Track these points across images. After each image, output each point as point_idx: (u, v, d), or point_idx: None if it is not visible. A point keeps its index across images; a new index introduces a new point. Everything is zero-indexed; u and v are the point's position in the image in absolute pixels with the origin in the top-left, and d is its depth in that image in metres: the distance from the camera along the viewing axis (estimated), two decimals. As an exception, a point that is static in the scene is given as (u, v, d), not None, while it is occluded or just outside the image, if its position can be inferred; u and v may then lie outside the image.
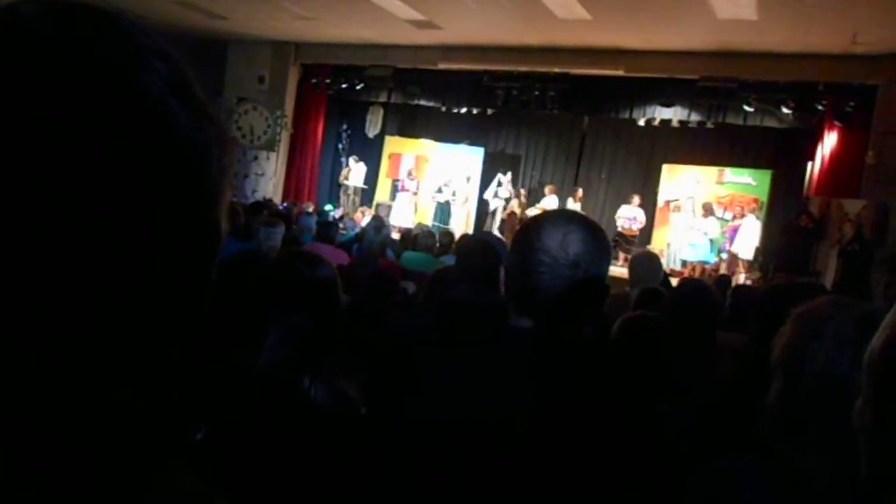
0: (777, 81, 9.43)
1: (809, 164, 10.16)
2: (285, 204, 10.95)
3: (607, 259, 1.32)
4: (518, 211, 12.34)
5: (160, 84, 0.43)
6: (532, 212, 12.25)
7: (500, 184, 13.06)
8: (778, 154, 11.24)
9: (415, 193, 13.50)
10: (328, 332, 1.78)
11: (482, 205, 13.30)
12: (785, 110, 9.79)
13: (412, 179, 13.57)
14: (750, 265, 10.30)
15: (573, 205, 11.92)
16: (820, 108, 9.44)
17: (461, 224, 12.88)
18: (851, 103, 8.97)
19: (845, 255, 8.28)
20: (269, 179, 12.76)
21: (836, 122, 9.23)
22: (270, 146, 12.56)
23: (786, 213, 10.43)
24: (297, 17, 10.46)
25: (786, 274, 8.52)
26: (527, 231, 1.32)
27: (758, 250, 10.49)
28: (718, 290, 5.12)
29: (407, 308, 3.00)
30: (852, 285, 7.67)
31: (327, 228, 6.63)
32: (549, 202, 12.16)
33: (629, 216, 11.76)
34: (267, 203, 8.84)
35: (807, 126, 9.92)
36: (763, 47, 8.86)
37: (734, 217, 10.89)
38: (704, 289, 2.90)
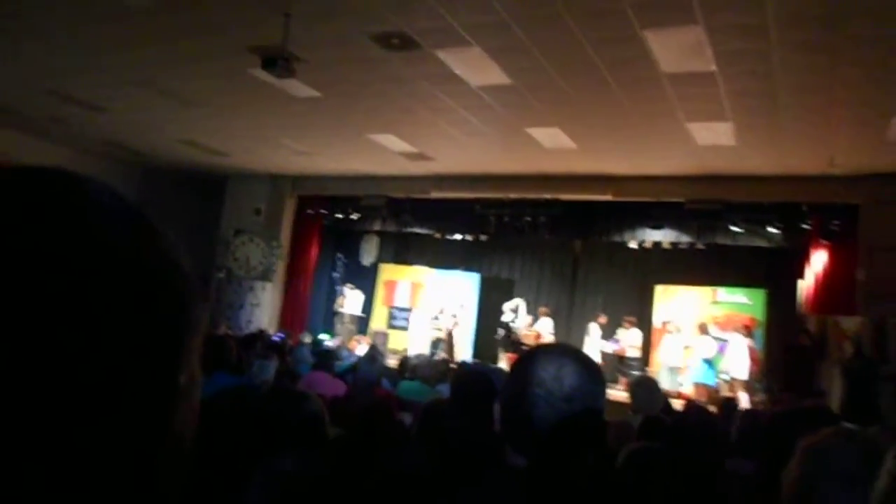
0: (761, 202, 9.68)
1: (800, 282, 10.24)
2: (280, 334, 10.87)
3: (603, 392, 1.29)
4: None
5: (115, 244, 0.46)
6: (525, 333, 12.17)
7: (515, 309, 12.99)
8: (770, 273, 11.34)
9: (435, 318, 13.35)
10: (313, 471, 1.70)
11: (481, 331, 13.23)
12: (772, 230, 9.99)
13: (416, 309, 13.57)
14: (748, 385, 10.10)
15: (596, 329, 11.87)
16: (806, 227, 9.63)
17: (458, 351, 12.74)
18: (836, 222, 9.14)
19: (848, 374, 8.16)
20: (264, 309, 12.76)
21: (823, 241, 9.37)
22: (266, 276, 12.66)
23: (784, 332, 10.37)
24: (295, 153, 10.89)
25: (791, 395, 8.36)
26: (522, 363, 1.31)
27: (758, 370, 10.35)
28: (725, 415, 4.99)
29: (401, 441, 2.89)
30: (858, 404, 7.51)
31: (326, 358, 6.56)
32: (543, 325, 12.12)
33: (616, 338, 11.75)
34: (261, 334, 8.77)
35: (795, 245, 10.07)
36: (744, 171, 9.18)
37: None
38: (707, 418, 2.82)
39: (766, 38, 5.32)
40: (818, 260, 9.53)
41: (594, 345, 11.62)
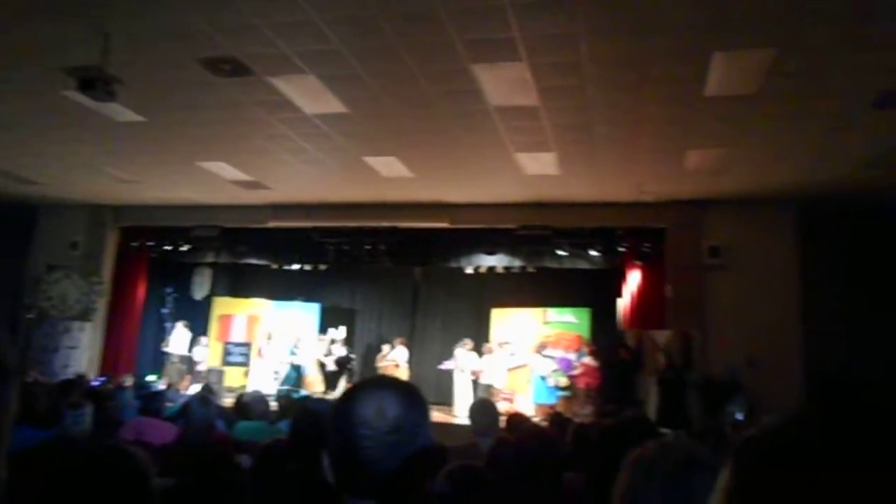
0: (583, 227, 10.39)
1: (619, 300, 11.11)
2: (102, 378, 9.96)
3: (426, 416, 1.29)
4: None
5: None
6: (383, 364, 12.03)
7: (333, 342, 12.90)
8: (593, 293, 12.15)
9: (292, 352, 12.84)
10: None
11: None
12: (593, 253, 10.78)
13: (270, 342, 12.96)
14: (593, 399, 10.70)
15: (465, 356, 11.78)
16: (622, 249, 10.49)
17: (315, 383, 12.40)
18: (647, 244, 10.06)
19: (663, 383, 8.93)
20: (83, 352, 11.58)
21: (637, 262, 10.28)
22: (85, 316, 11.53)
23: (607, 348, 11.14)
24: (116, 181, 10.11)
25: (613, 406, 9.00)
26: (341, 406, 1.25)
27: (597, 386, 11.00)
28: (558, 429, 5.25)
29: (239, 487, 2.74)
30: (671, 411, 8.25)
31: (153, 401, 6.06)
32: (400, 354, 12.09)
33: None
34: (79, 380, 7.97)
35: (613, 266, 10.93)
36: (568, 198, 9.83)
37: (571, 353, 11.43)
38: (543, 436, 2.95)
39: (581, 76, 5.77)
40: (633, 279, 10.40)
41: (465, 372, 11.65)
